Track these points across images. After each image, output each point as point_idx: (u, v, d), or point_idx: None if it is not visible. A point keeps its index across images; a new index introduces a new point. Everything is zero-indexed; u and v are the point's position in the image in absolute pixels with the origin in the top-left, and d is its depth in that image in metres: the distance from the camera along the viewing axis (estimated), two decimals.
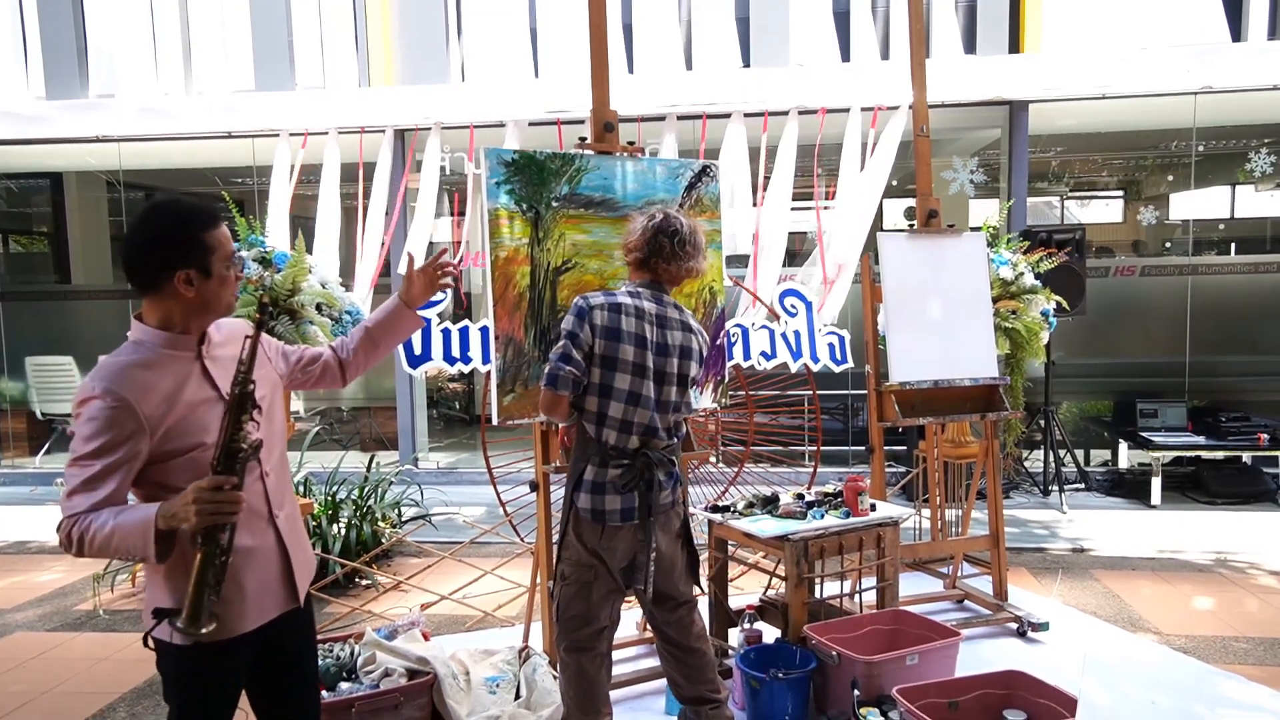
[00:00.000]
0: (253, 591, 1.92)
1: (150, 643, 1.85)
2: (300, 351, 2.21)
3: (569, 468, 2.68)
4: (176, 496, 1.71)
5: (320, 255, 6.58)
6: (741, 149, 6.45)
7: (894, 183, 6.50)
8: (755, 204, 6.41)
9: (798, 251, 6.79)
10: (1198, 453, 6.39)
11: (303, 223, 6.75)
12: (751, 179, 6.44)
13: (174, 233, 1.83)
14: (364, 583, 4.72)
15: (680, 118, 6.50)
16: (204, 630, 1.71)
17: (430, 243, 6.80)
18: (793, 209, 6.54)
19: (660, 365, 2.60)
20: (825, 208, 6.57)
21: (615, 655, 3.57)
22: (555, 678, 3.06)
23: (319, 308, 3.81)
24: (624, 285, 2.69)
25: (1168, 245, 8.29)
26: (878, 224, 6.60)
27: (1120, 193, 9.13)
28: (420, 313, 2.33)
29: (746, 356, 4.21)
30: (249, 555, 1.91)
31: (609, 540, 2.57)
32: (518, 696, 3.15)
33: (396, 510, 5.33)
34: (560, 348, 2.54)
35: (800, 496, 3.55)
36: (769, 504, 3.52)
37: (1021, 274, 5.05)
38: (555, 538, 2.72)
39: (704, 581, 3.36)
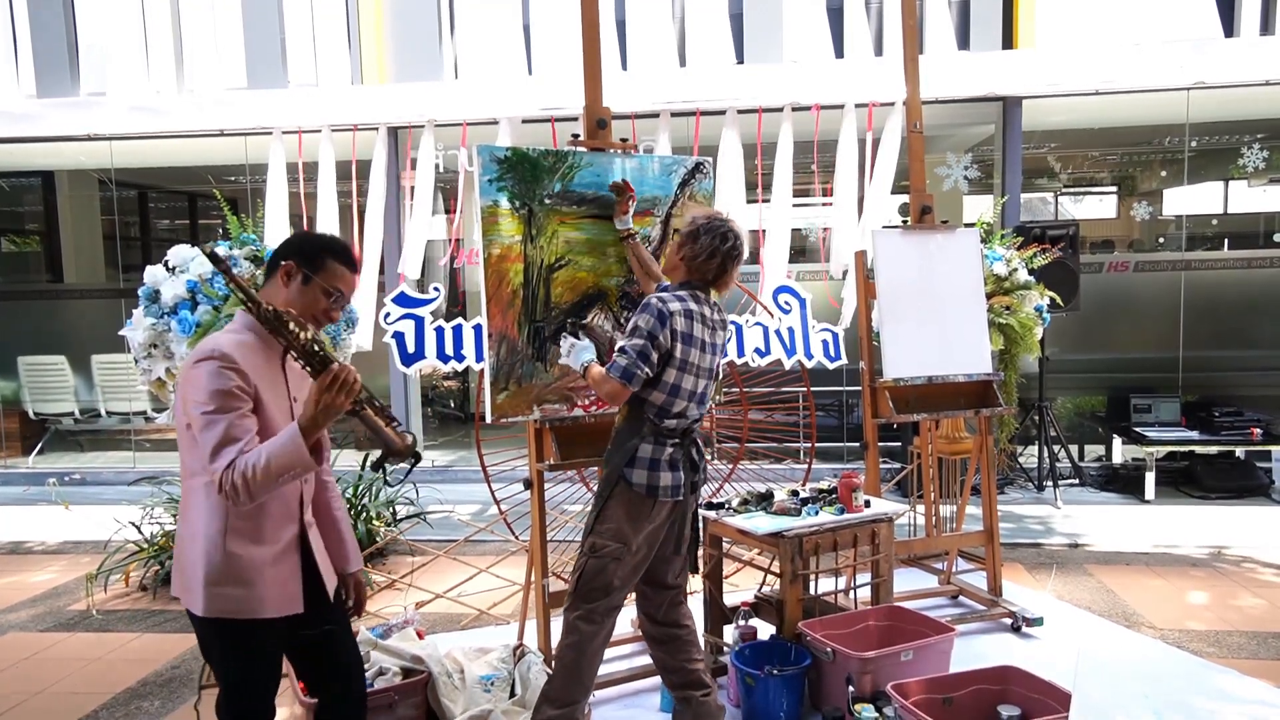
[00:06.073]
0: (273, 580, 2.02)
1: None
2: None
3: (615, 443, 2.71)
4: (306, 407, 1.88)
5: None
6: (736, 146, 6.44)
7: None
8: (755, 201, 6.39)
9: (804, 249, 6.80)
10: (1191, 447, 6.40)
11: (300, 223, 6.73)
12: (746, 176, 6.43)
13: (315, 241, 2.13)
14: None
15: (674, 114, 6.49)
16: (416, 447, 1.99)
17: (428, 240, 6.79)
18: (795, 205, 6.53)
19: (709, 364, 2.71)
20: (826, 204, 6.58)
21: (611, 653, 3.60)
22: (549, 674, 3.06)
23: None
24: (670, 288, 2.72)
25: (1161, 241, 8.30)
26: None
27: (1114, 188, 9.14)
28: (414, 310, 2.34)
29: (740, 353, 4.21)
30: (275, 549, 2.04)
31: (656, 514, 2.66)
32: (512, 694, 3.14)
33: (391, 509, 5.31)
34: (639, 345, 2.57)
35: (795, 493, 3.55)
36: (764, 501, 3.52)
37: (1015, 270, 5.06)
38: (593, 509, 2.74)
39: (699, 559, 3.35)
